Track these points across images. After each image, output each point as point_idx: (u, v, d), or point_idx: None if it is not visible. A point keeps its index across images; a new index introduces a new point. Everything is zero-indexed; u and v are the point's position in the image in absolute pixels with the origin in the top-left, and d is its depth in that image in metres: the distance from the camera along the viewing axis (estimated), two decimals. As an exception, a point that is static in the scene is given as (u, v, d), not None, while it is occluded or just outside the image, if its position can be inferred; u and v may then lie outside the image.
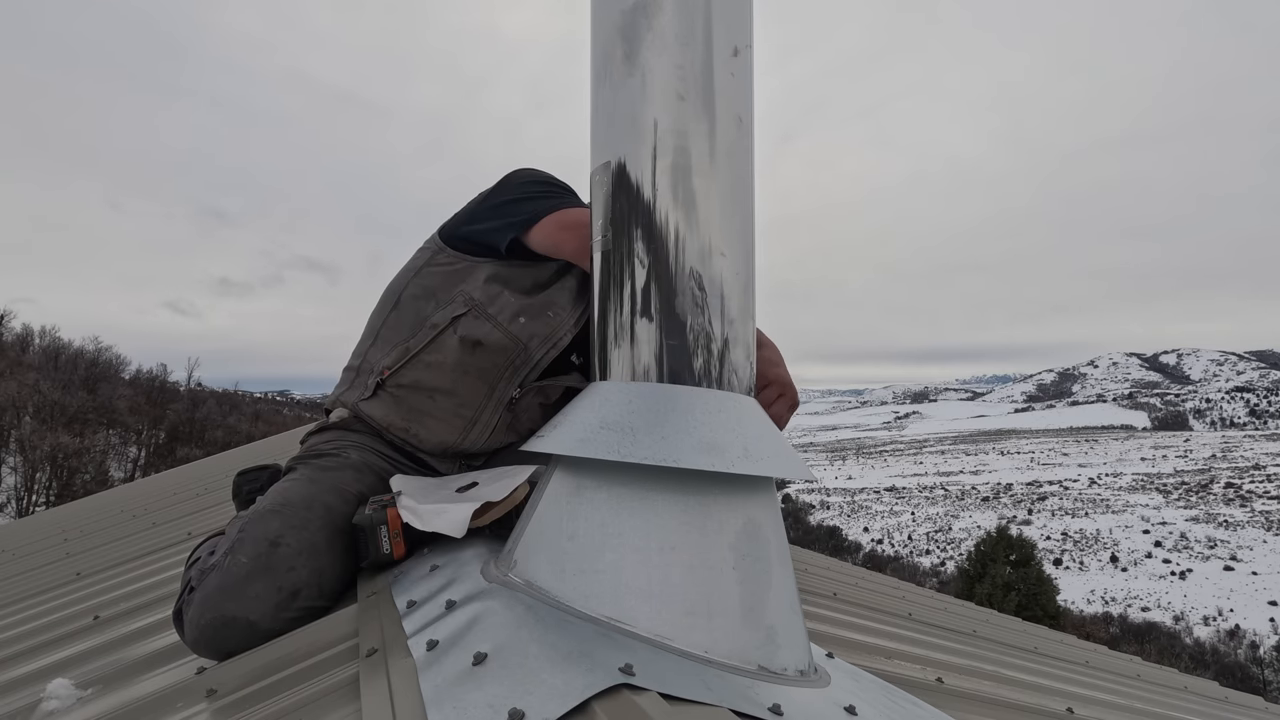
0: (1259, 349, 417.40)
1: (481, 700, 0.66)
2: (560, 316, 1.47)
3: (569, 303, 1.49)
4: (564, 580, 0.85)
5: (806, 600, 2.05)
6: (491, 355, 1.44)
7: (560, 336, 1.48)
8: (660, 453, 0.82)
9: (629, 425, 0.86)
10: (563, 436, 0.91)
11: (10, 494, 29.03)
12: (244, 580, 1.15)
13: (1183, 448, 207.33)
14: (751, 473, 0.84)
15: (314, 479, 1.36)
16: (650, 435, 0.84)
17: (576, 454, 0.87)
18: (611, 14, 0.97)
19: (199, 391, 50.99)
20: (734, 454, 0.83)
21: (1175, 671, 4.07)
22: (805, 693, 0.80)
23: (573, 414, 0.95)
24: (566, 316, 1.48)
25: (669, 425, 0.85)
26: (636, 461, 0.82)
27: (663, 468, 0.84)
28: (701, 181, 0.93)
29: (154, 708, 1.01)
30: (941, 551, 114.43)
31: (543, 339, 1.46)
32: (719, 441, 0.84)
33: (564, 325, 1.48)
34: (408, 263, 1.57)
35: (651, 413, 0.87)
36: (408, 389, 1.48)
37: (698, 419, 0.86)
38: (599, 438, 0.87)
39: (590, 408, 0.92)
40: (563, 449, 0.89)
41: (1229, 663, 45.84)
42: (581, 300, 1.50)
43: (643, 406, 0.88)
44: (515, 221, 1.41)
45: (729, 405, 0.90)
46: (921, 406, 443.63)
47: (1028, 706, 1.60)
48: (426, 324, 1.46)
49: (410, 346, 1.46)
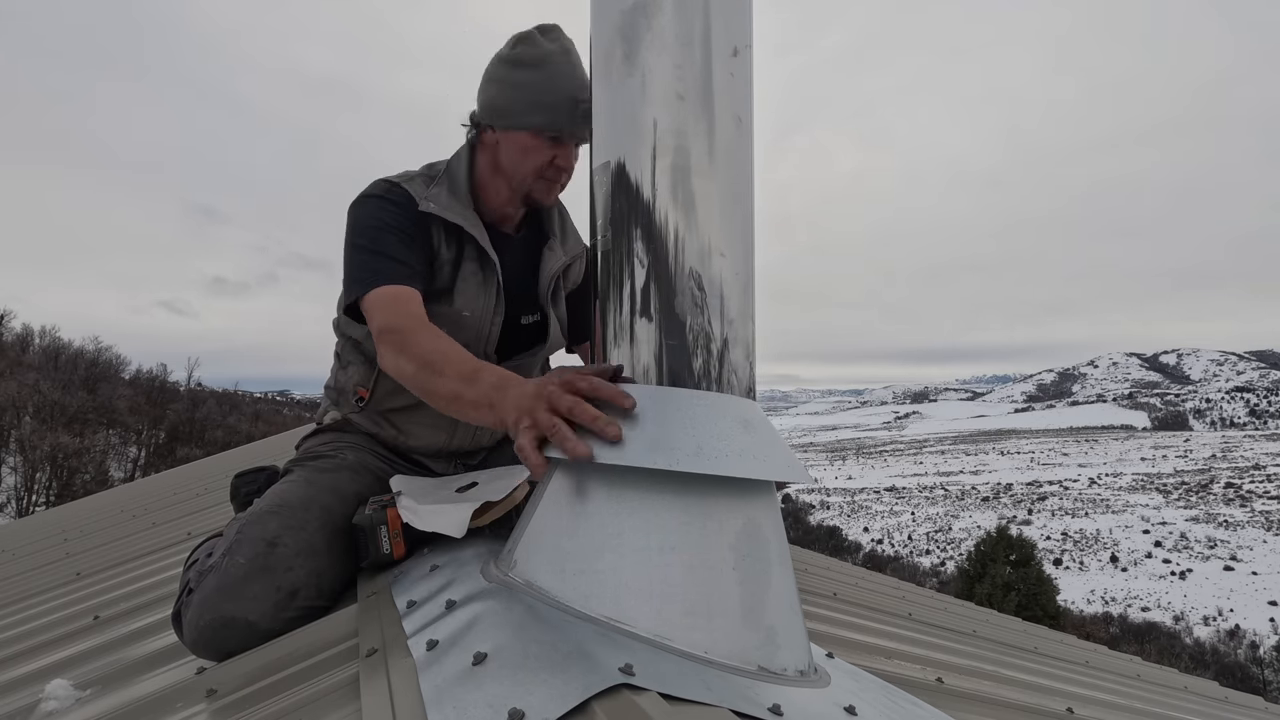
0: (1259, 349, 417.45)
1: (481, 700, 0.66)
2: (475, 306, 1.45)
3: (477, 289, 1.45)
4: (564, 580, 0.85)
5: (806, 600, 2.05)
6: None
7: (488, 320, 1.46)
8: (654, 457, 0.82)
9: (625, 429, 0.86)
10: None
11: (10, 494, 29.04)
12: (242, 581, 1.15)
13: (1183, 448, 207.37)
14: (747, 475, 0.84)
15: (311, 480, 1.36)
16: (644, 439, 0.84)
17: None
18: (611, 14, 0.97)
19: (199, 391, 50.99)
20: (729, 457, 0.83)
21: (1175, 671, 4.07)
22: (805, 693, 0.80)
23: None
24: (483, 303, 1.46)
25: (663, 429, 0.85)
26: (631, 465, 0.82)
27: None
28: (701, 181, 0.93)
29: (154, 708, 1.01)
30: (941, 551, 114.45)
31: (478, 317, 1.45)
32: (715, 444, 0.84)
33: (485, 313, 1.46)
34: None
35: (647, 415, 0.87)
36: (386, 405, 1.51)
37: (693, 422, 0.86)
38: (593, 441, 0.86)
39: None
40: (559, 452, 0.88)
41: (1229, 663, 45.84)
42: (490, 275, 1.46)
43: (639, 409, 0.88)
44: (346, 304, 1.36)
45: (726, 407, 0.90)
46: (921, 406, 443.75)
47: (1028, 706, 1.60)
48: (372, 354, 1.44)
49: (374, 378, 1.49)
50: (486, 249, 1.44)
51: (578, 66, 1.38)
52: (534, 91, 1.36)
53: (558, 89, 1.35)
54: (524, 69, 1.36)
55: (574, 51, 1.39)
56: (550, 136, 1.39)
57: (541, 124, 1.37)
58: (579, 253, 1.63)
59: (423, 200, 1.40)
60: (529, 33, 1.38)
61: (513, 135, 1.40)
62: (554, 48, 1.36)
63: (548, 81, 1.35)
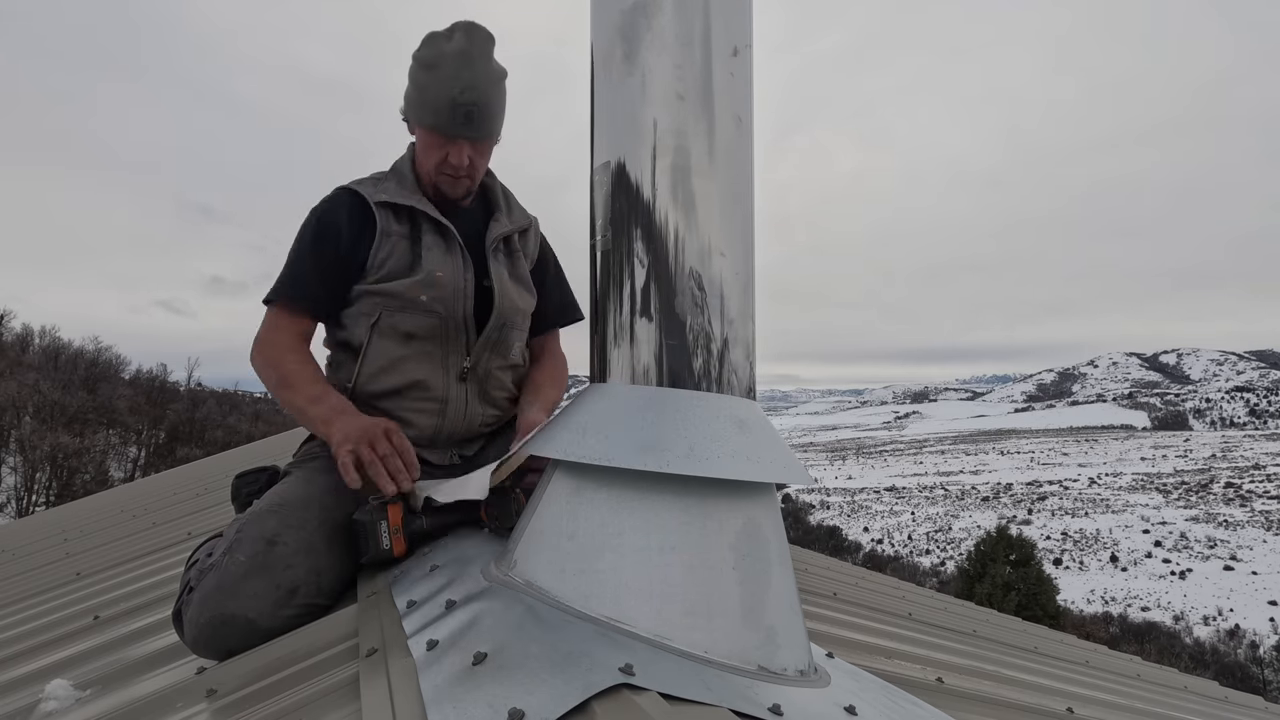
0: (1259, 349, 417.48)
1: (481, 700, 0.66)
2: (445, 266, 1.50)
3: (442, 253, 1.51)
4: (564, 580, 0.85)
5: (806, 600, 2.05)
6: (424, 338, 1.50)
7: (461, 275, 1.51)
8: (646, 459, 0.82)
9: (618, 430, 0.86)
10: (556, 440, 0.91)
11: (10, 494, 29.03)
12: (242, 579, 1.15)
13: (1183, 448, 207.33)
14: (739, 477, 0.83)
15: (311, 480, 1.37)
16: (637, 441, 0.84)
17: (568, 458, 0.87)
18: (611, 14, 0.97)
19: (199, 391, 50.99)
20: (723, 458, 0.83)
21: (1175, 671, 4.07)
22: (805, 693, 0.80)
23: (566, 417, 0.95)
24: (453, 262, 1.51)
25: (657, 430, 0.85)
26: (626, 468, 0.82)
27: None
28: (701, 181, 0.93)
29: (154, 708, 1.01)
30: (941, 551, 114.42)
31: (450, 275, 1.50)
32: (708, 446, 0.84)
33: (456, 268, 1.51)
34: None
35: (643, 417, 0.87)
36: (376, 398, 1.54)
37: (688, 423, 0.86)
38: (587, 442, 0.87)
39: (586, 411, 0.92)
40: (557, 453, 0.89)
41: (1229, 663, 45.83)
42: (451, 239, 1.52)
43: (635, 410, 0.88)
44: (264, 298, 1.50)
45: (722, 408, 0.90)
46: (921, 406, 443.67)
47: (1028, 706, 1.60)
48: (358, 345, 1.52)
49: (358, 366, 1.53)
50: (438, 218, 1.52)
51: (471, 67, 1.42)
52: (425, 92, 1.44)
53: (441, 92, 1.42)
54: (422, 69, 1.45)
55: (472, 52, 1.42)
56: (441, 134, 1.47)
57: (431, 124, 1.46)
58: (525, 225, 1.70)
59: (373, 195, 1.49)
60: (435, 33, 1.45)
61: (419, 131, 1.52)
62: (450, 49, 1.41)
63: (435, 84, 1.42)
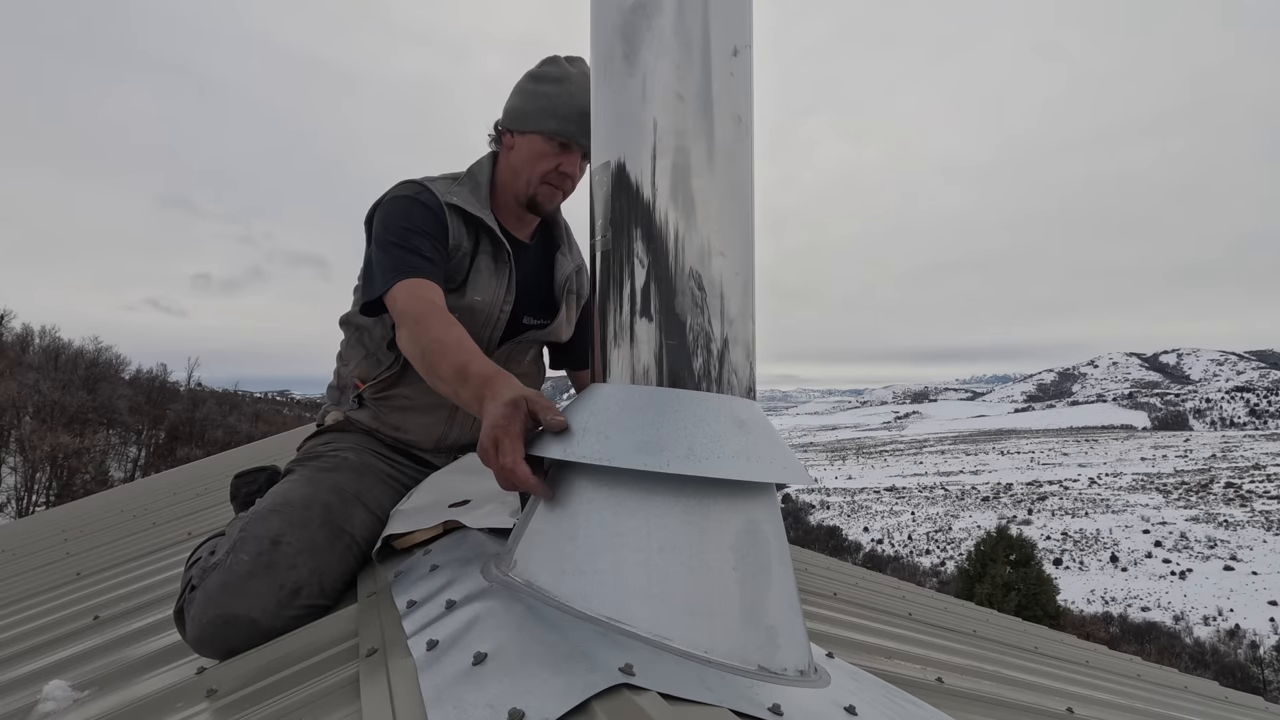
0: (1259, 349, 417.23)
1: (481, 700, 0.66)
2: (487, 293, 1.55)
3: (490, 278, 1.55)
4: (564, 580, 0.85)
5: (806, 600, 2.05)
6: None
7: (498, 308, 1.57)
8: (645, 459, 0.82)
9: (617, 431, 0.86)
10: (556, 440, 0.91)
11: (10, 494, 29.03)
12: (245, 578, 1.15)
13: (1183, 448, 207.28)
14: (739, 477, 0.83)
15: (313, 479, 1.37)
16: (636, 441, 0.84)
17: (568, 458, 0.87)
18: (611, 14, 0.97)
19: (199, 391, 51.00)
20: (722, 458, 0.83)
21: (1175, 671, 4.07)
22: (805, 693, 0.80)
23: (566, 417, 0.95)
24: (495, 290, 1.56)
25: (657, 430, 0.85)
26: (626, 468, 0.82)
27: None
28: (701, 182, 0.93)
29: (154, 708, 1.01)
30: (941, 551, 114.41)
31: (488, 304, 1.55)
32: (708, 446, 0.84)
33: (495, 299, 1.56)
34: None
35: (643, 417, 0.87)
36: (385, 395, 1.57)
37: (688, 423, 0.86)
38: (587, 442, 0.87)
39: (586, 411, 0.92)
40: (558, 453, 0.89)
41: (1229, 663, 45.82)
42: (503, 266, 1.57)
43: (636, 411, 0.88)
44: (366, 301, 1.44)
45: (722, 408, 0.90)
46: (921, 406, 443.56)
47: (1028, 706, 1.60)
48: (380, 340, 1.56)
49: (376, 361, 1.57)
50: (501, 239, 1.56)
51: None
52: (550, 101, 1.50)
53: (571, 102, 1.49)
54: (545, 83, 1.52)
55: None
56: (559, 143, 1.52)
57: (553, 129, 1.50)
58: (581, 262, 1.77)
59: (444, 195, 1.52)
60: (556, 57, 1.55)
61: (527, 138, 1.54)
62: (574, 71, 1.52)
63: (563, 94, 1.49)
